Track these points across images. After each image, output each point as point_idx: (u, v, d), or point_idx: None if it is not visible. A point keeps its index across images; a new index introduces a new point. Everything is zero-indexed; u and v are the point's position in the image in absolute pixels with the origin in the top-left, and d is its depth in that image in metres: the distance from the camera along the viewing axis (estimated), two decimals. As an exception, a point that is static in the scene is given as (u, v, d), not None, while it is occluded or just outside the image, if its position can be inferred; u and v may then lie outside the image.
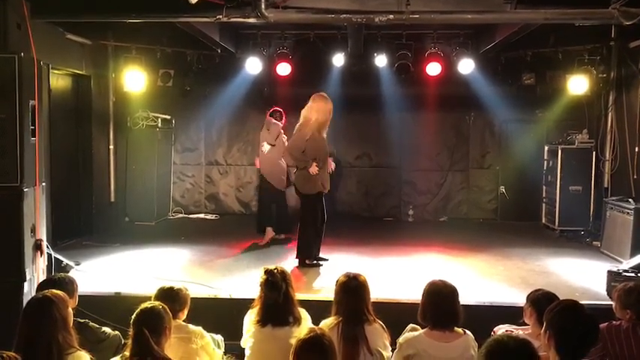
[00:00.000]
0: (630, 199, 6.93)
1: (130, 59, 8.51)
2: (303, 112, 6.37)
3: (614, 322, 3.52)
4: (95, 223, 8.16)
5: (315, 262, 6.45)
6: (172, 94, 9.24)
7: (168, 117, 9.49)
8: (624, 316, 3.50)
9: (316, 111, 6.27)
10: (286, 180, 7.68)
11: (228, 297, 5.21)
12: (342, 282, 3.54)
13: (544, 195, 9.12)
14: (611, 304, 3.71)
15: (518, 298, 5.04)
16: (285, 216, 7.74)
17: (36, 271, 4.86)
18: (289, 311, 3.59)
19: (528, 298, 3.60)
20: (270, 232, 7.53)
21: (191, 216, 9.78)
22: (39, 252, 4.91)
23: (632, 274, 5.19)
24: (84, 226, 8.02)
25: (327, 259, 6.58)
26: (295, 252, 6.46)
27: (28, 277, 4.72)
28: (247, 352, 3.62)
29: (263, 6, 5.59)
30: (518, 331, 3.57)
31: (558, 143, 8.62)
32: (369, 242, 7.71)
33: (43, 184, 5.10)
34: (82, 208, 8.09)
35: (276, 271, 3.65)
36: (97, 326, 3.78)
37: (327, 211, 6.52)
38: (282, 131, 7.58)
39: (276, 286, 3.57)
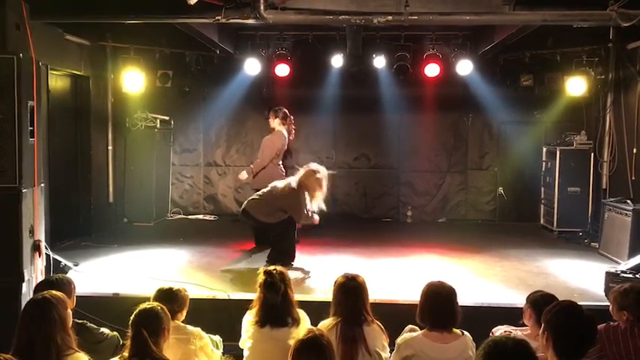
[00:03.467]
0: (628, 201, 6.95)
1: (129, 60, 8.51)
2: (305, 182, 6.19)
3: (611, 323, 3.52)
4: (94, 224, 8.15)
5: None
6: (171, 95, 9.26)
7: (166, 118, 9.48)
8: (621, 318, 3.50)
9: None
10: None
11: (227, 298, 5.21)
12: (341, 283, 3.55)
13: (542, 196, 9.13)
14: (609, 305, 3.71)
15: (516, 299, 5.06)
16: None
17: (34, 272, 4.86)
18: (288, 312, 3.59)
19: (528, 299, 3.61)
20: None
21: (190, 217, 9.77)
22: (37, 253, 4.90)
23: (630, 275, 5.19)
24: (82, 226, 8.01)
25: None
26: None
27: (26, 278, 4.71)
28: (246, 353, 3.62)
29: (262, 7, 5.59)
30: (517, 332, 3.58)
31: (556, 144, 8.64)
32: (368, 243, 7.70)
33: (42, 184, 5.10)
34: (81, 209, 8.09)
35: (274, 271, 3.66)
36: (96, 327, 3.77)
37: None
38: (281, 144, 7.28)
39: (274, 286, 3.58)
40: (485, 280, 6.04)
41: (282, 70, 8.69)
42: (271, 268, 3.72)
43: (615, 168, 8.04)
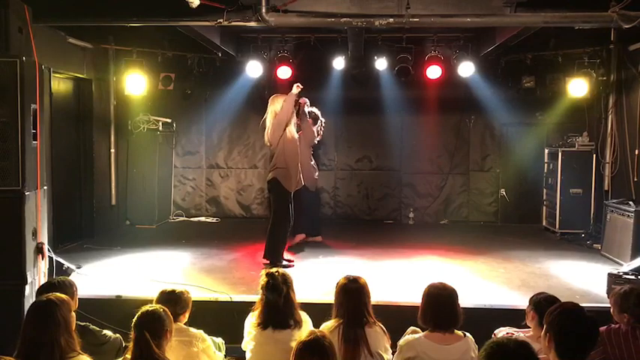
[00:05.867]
0: (630, 202, 6.93)
1: (131, 63, 8.52)
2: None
3: (613, 325, 3.52)
4: (96, 227, 8.17)
5: (285, 262, 6.43)
6: (173, 98, 9.28)
7: (169, 120, 9.51)
8: (622, 320, 3.49)
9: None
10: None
11: (229, 300, 5.22)
12: (343, 284, 3.56)
13: (544, 198, 9.12)
14: (610, 307, 3.71)
15: (518, 300, 5.07)
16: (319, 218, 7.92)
17: (37, 274, 4.88)
18: (290, 314, 3.60)
19: (530, 300, 3.61)
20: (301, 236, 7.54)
21: (192, 219, 9.79)
22: (40, 255, 4.92)
23: (633, 277, 5.18)
24: (85, 229, 8.03)
25: (293, 261, 6.60)
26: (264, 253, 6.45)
27: (29, 280, 4.73)
28: (248, 355, 3.63)
29: (264, 10, 5.62)
30: (519, 334, 3.58)
31: (558, 146, 8.64)
32: (370, 245, 7.70)
33: (45, 187, 5.12)
34: (83, 212, 8.10)
35: (277, 273, 3.67)
36: (98, 329, 3.78)
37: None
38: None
39: (277, 288, 3.59)
40: (487, 281, 6.03)
41: (284, 72, 8.69)
42: (273, 270, 3.73)
43: (617, 169, 8.02)
